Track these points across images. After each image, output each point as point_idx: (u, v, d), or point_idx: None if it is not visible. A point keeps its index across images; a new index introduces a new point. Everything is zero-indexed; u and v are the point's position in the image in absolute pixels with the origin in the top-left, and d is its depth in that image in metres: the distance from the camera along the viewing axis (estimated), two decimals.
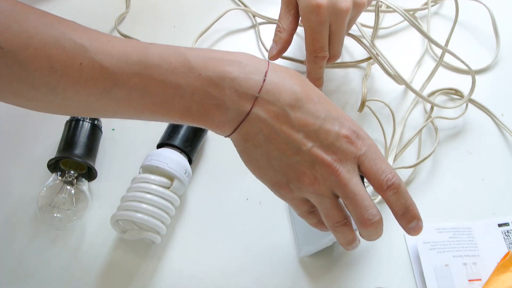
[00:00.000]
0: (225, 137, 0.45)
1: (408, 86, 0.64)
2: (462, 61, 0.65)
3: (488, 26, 0.75)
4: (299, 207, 0.48)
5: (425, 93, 0.69)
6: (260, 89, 0.43)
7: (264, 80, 0.43)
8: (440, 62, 0.67)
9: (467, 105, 0.67)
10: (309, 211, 0.49)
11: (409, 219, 0.47)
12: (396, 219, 0.47)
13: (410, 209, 0.46)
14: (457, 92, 0.69)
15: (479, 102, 0.69)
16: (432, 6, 0.78)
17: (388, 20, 0.77)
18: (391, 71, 0.65)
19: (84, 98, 0.43)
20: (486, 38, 0.75)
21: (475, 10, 0.77)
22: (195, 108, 0.43)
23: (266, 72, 0.43)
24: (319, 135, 0.44)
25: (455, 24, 0.65)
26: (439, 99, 0.69)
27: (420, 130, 0.64)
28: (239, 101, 0.43)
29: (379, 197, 0.58)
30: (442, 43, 0.65)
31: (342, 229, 0.47)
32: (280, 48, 0.64)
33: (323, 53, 0.61)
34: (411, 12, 0.77)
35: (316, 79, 0.64)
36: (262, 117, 0.43)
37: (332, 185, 0.45)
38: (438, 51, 0.73)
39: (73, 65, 0.42)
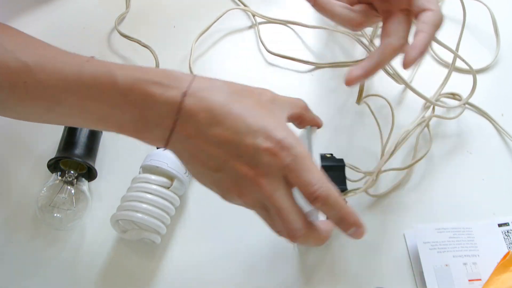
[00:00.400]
0: (164, 150, 0.47)
1: (408, 85, 0.64)
2: (466, 63, 0.65)
3: (489, 26, 0.75)
4: (256, 212, 0.48)
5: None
6: (179, 111, 0.44)
7: (182, 101, 0.44)
8: (452, 67, 0.65)
9: (464, 107, 0.67)
10: None
11: (346, 227, 0.46)
12: (335, 225, 0.46)
13: (344, 218, 0.45)
14: (455, 96, 0.68)
15: (477, 105, 0.68)
16: None
17: None
18: (390, 70, 0.65)
19: (33, 111, 0.46)
20: (486, 38, 0.75)
21: (475, 9, 0.76)
22: (127, 125, 0.45)
23: (185, 92, 0.44)
24: (239, 150, 0.44)
25: (463, 28, 0.64)
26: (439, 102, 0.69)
27: (414, 129, 0.64)
28: (161, 122, 0.44)
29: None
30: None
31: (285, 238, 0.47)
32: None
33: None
34: None
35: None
36: (183, 136, 0.44)
37: (260, 198, 0.44)
38: (438, 51, 0.73)
39: (18, 84, 0.44)
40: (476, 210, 0.61)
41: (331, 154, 0.58)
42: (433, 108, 0.67)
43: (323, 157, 0.57)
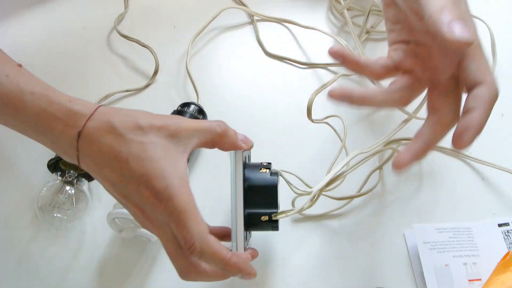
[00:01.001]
0: None
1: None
2: None
3: (487, 43, 0.74)
4: None
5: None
6: (77, 148, 0.46)
7: (78, 140, 0.46)
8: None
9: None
10: None
11: (233, 273, 0.48)
12: None
13: (226, 269, 0.47)
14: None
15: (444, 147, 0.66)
16: None
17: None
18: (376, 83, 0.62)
19: None
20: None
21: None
22: (45, 145, 0.48)
23: (80, 132, 0.46)
24: (126, 192, 0.46)
25: None
26: None
27: (366, 159, 0.60)
28: (68, 152, 0.47)
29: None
30: None
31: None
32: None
33: None
34: None
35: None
36: (87, 168, 0.47)
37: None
38: None
39: None
40: (476, 210, 0.61)
41: (269, 164, 0.54)
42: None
43: (257, 169, 0.53)
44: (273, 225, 0.52)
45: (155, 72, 0.71)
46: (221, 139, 0.49)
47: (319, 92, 0.58)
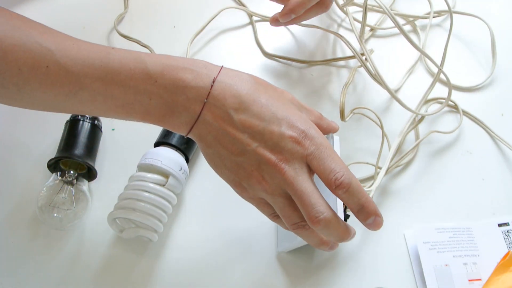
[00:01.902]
0: (185, 136, 0.48)
1: (392, 95, 0.61)
2: (445, 74, 0.63)
3: (487, 43, 0.74)
4: (261, 209, 0.50)
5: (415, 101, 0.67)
6: (208, 95, 0.45)
7: (212, 86, 0.46)
8: (436, 79, 0.64)
9: (461, 116, 0.67)
10: (274, 215, 0.49)
11: (365, 216, 0.47)
12: (354, 215, 0.48)
13: (364, 206, 0.47)
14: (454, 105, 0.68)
15: (474, 115, 0.68)
16: (434, 17, 0.77)
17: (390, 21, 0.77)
18: (378, 77, 0.62)
19: (51, 98, 0.45)
20: (484, 54, 0.74)
21: (476, 26, 0.76)
22: (153, 111, 0.46)
23: (214, 79, 0.46)
24: (264, 136, 0.46)
25: (449, 39, 0.63)
26: (432, 108, 0.69)
27: (412, 149, 0.64)
28: (190, 106, 0.46)
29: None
30: (438, 56, 0.63)
31: (302, 232, 0.48)
32: None
33: None
34: (411, 19, 0.76)
35: None
36: (209, 120, 0.46)
37: (281, 184, 0.46)
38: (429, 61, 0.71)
39: (40, 67, 0.44)
40: (476, 210, 0.61)
41: None
42: (420, 119, 0.66)
43: None
44: (346, 214, 0.53)
45: None
46: (321, 121, 0.52)
47: (345, 92, 0.61)
